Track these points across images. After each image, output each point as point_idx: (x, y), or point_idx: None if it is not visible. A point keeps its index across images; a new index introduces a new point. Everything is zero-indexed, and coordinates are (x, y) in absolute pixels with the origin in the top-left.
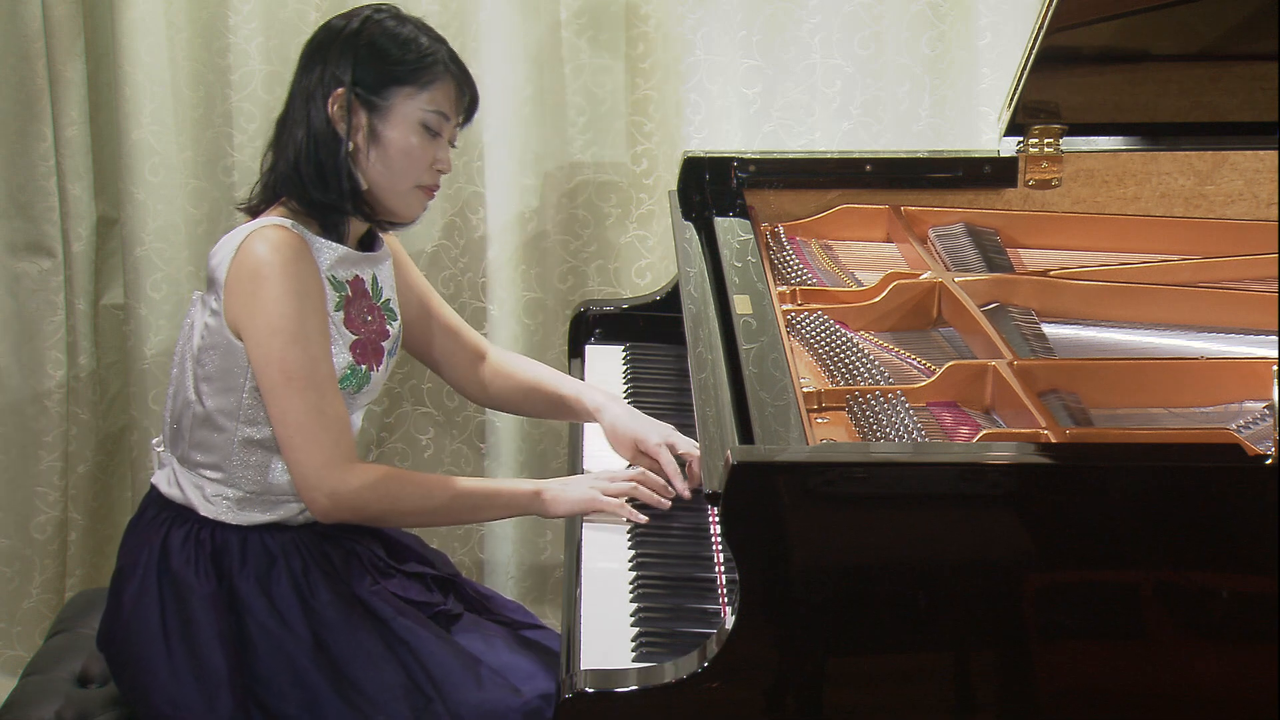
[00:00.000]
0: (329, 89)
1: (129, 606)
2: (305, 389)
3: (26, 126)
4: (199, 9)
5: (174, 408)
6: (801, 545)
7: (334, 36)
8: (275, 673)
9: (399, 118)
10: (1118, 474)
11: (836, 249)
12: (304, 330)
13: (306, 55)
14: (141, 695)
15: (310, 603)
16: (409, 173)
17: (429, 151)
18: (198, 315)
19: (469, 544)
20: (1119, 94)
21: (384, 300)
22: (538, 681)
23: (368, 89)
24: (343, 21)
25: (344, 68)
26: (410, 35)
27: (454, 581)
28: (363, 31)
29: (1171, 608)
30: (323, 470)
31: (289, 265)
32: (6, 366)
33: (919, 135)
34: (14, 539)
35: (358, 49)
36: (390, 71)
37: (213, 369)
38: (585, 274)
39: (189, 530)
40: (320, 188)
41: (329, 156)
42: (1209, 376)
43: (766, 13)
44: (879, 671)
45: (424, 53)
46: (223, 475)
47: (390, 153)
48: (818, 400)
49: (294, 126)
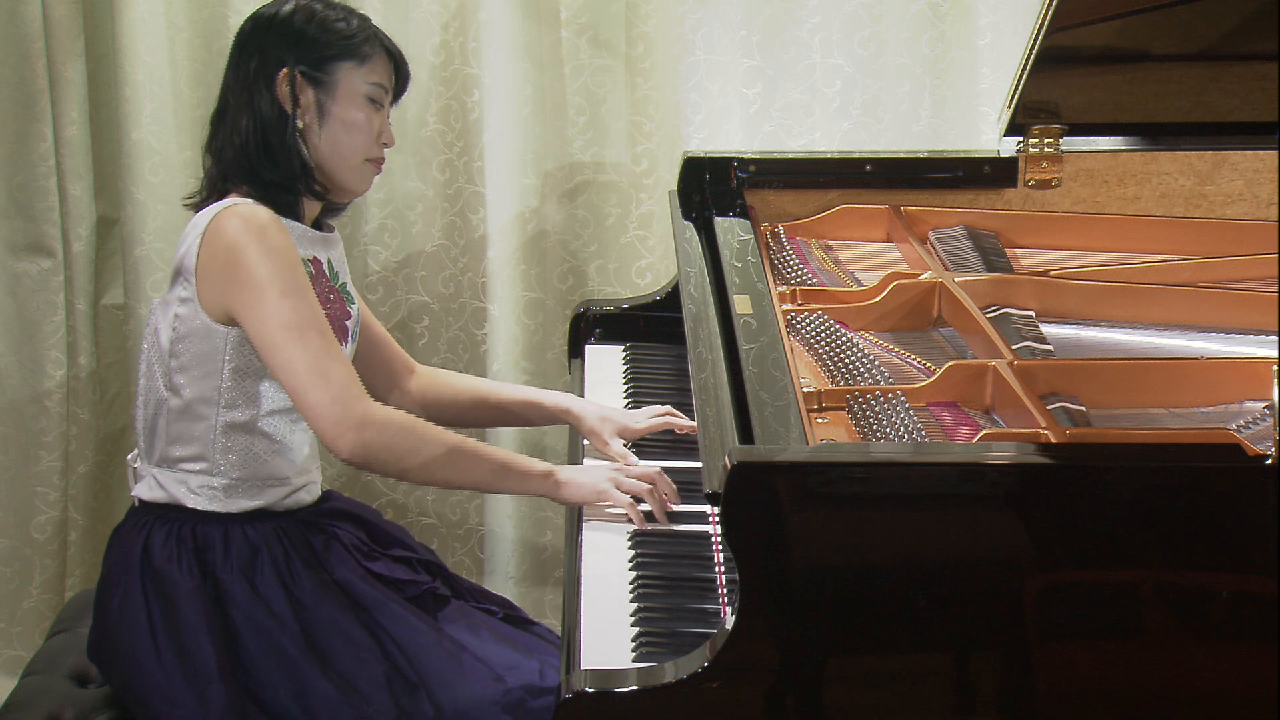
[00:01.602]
0: (272, 71)
1: (115, 611)
2: (306, 334)
3: (26, 126)
4: (199, 9)
5: (146, 415)
6: (801, 545)
7: (268, 23)
8: (264, 663)
9: (345, 92)
10: (1118, 474)
11: (836, 249)
12: (294, 283)
13: (239, 46)
14: (135, 696)
15: (294, 591)
16: (358, 146)
17: (374, 124)
18: (161, 315)
19: (469, 544)
20: (1119, 94)
21: (340, 283)
22: (520, 672)
23: (312, 65)
24: (273, 9)
25: (285, 49)
26: (342, 15)
27: (440, 568)
28: (296, 14)
29: (1171, 608)
30: (340, 408)
31: (264, 230)
32: (6, 366)
33: (919, 135)
34: (14, 539)
35: (296, 30)
36: (332, 46)
37: (189, 358)
38: (585, 274)
39: (170, 529)
40: (271, 167)
41: (277, 136)
42: (1209, 376)
43: (766, 13)
44: (879, 671)
45: (359, 29)
46: (206, 465)
47: (338, 127)
48: (818, 400)
49: (236, 116)
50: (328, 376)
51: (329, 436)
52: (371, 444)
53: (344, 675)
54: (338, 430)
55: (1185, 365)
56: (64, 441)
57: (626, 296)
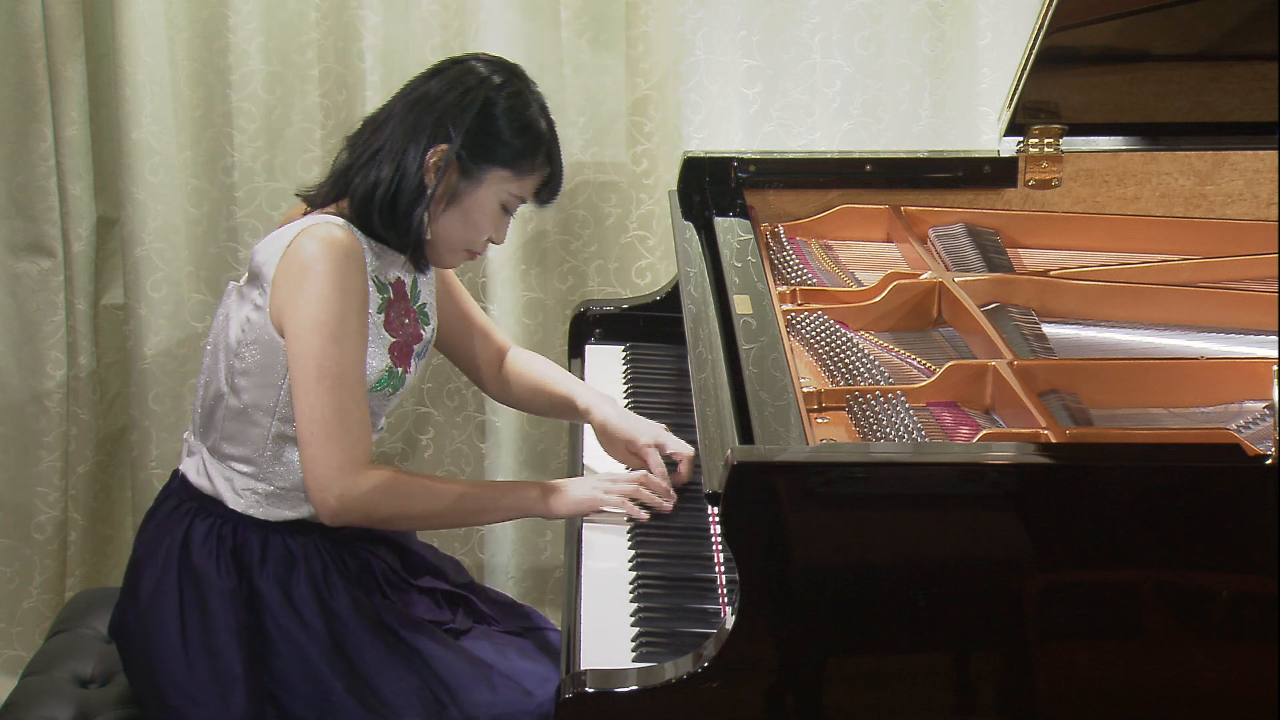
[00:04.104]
0: (434, 141)
1: (146, 596)
2: (335, 387)
3: (26, 126)
4: (199, 9)
5: (205, 398)
6: (801, 545)
7: (460, 93)
8: (291, 672)
9: (486, 192)
10: (1118, 474)
11: (836, 249)
12: (344, 329)
13: (424, 92)
14: (154, 688)
15: (329, 604)
16: (468, 240)
17: (494, 225)
18: (234, 307)
19: (469, 544)
20: (1119, 94)
21: (420, 304)
22: (550, 685)
23: (470, 156)
24: (474, 80)
25: (457, 130)
26: (529, 121)
27: (465, 596)
28: (489, 102)
29: (1172, 608)
30: (336, 472)
31: (339, 264)
32: (6, 366)
33: (919, 135)
34: (14, 539)
35: (477, 117)
36: (498, 152)
37: (252, 363)
38: (585, 274)
39: (212, 524)
40: (388, 225)
41: (407, 204)
42: (1209, 376)
43: (766, 13)
44: (879, 671)
45: (534, 143)
46: (253, 469)
47: (460, 217)
48: (818, 400)
49: (385, 153)
50: (333, 439)
51: (312, 495)
52: (348, 513)
53: (371, 688)
54: (320, 496)
55: (1185, 365)
56: (64, 441)
57: (626, 296)
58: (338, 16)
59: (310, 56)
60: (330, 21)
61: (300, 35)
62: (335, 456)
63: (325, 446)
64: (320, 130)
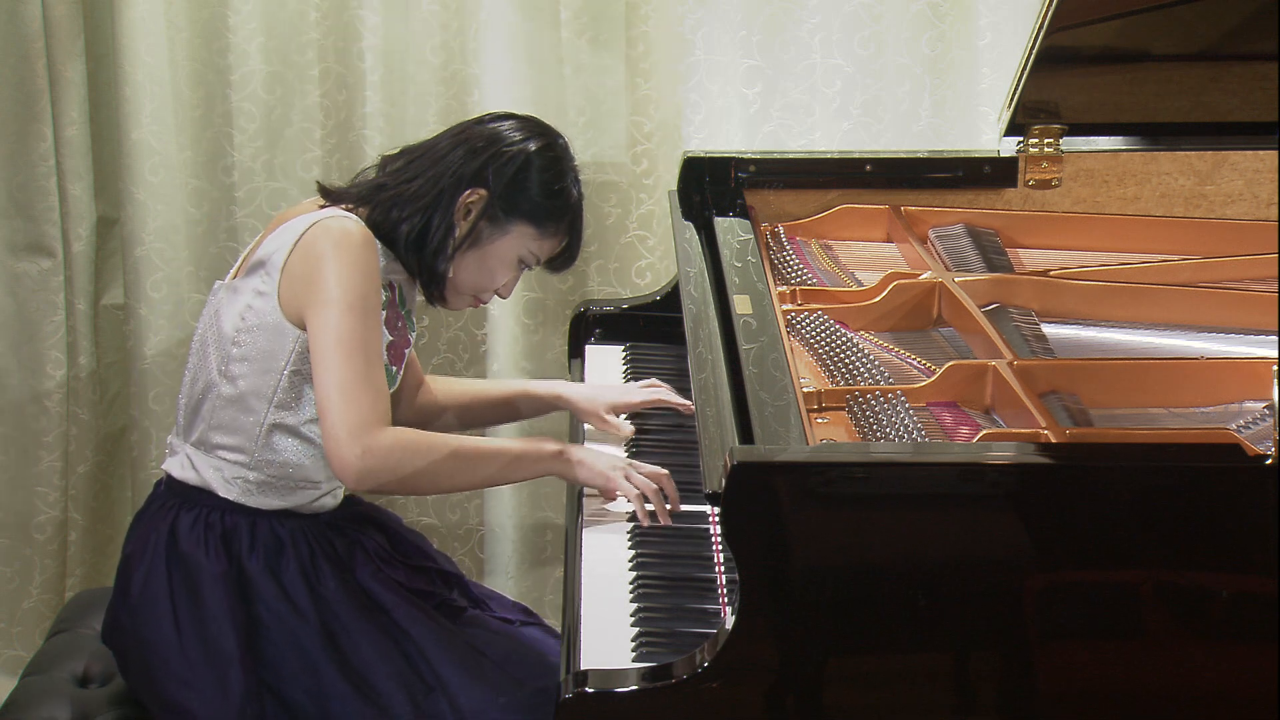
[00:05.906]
0: (473, 184)
1: (137, 591)
2: (353, 354)
3: (26, 126)
4: (199, 9)
5: (191, 393)
6: (801, 545)
7: (506, 143)
8: (284, 657)
9: (507, 243)
10: (1118, 474)
11: (836, 249)
12: (366, 305)
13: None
14: (150, 679)
15: (318, 590)
16: (479, 285)
17: (506, 277)
18: (226, 302)
19: (469, 544)
20: (1119, 94)
21: (407, 309)
22: (538, 676)
23: (501, 207)
24: (522, 135)
25: (498, 180)
26: (564, 187)
27: (458, 578)
28: (530, 158)
29: (1171, 608)
30: (358, 429)
31: (360, 248)
32: (6, 366)
33: (919, 135)
34: (14, 539)
35: (517, 170)
36: (526, 209)
37: (252, 349)
38: (585, 274)
39: (198, 513)
40: (411, 257)
41: (435, 243)
42: (1209, 376)
43: (766, 13)
44: (879, 671)
45: (562, 208)
46: (244, 458)
47: (476, 263)
48: (818, 400)
49: (426, 183)
50: (355, 401)
51: (334, 458)
52: (372, 470)
53: (362, 674)
54: (342, 455)
55: (1185, 365)
56: (64, 441)
57: (626, 296)
58: (338, 16)
59: (310, 56)
60: (330, 21)
61: (300, 35)
62: (354, 416)
63: (344, 408)
64: (320, 130)
